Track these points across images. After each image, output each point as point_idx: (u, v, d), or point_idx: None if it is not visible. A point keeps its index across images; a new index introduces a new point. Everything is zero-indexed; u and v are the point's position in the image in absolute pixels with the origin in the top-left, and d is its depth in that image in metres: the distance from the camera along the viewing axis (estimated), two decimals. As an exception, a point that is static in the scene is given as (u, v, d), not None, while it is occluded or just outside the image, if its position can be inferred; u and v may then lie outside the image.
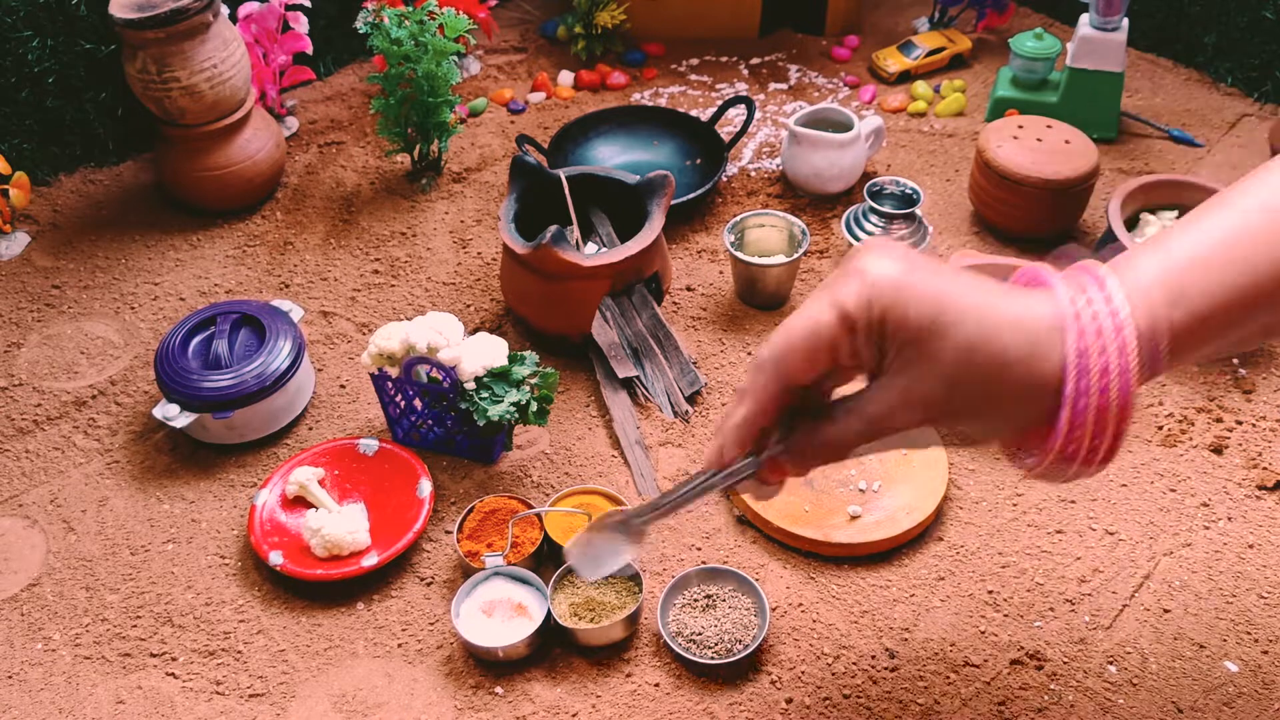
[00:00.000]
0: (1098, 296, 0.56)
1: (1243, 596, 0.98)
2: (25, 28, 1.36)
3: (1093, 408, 0.55)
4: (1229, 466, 1.09)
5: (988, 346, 0.56)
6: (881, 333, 0.57)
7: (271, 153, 1.42)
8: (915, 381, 0.57)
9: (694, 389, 1.17)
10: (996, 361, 0.56)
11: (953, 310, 0.56)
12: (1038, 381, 0.56)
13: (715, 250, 1.36)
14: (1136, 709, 0.91)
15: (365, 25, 1.36)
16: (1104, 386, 0.55)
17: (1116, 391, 0.55)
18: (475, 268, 1.35)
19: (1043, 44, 1.50)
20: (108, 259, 1.37)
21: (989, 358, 0.56)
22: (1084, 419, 0.56)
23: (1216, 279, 0.56)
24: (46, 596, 1.01)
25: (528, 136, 1.46)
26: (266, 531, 1.03)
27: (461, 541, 1.01)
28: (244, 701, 0.93)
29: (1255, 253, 0.56)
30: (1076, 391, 0.55)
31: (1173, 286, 0.56)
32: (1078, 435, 0.56)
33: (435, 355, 1.04)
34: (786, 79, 1.68)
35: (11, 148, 1.41)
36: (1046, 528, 1.04)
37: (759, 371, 0.62)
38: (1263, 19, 1.53)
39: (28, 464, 1.13)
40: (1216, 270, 0.56)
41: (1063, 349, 0.55)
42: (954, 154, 1.52)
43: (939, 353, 0.56)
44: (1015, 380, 0.56)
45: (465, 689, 0.93)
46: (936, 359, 0.56)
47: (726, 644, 0.93)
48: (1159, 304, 0.56)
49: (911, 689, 0.92)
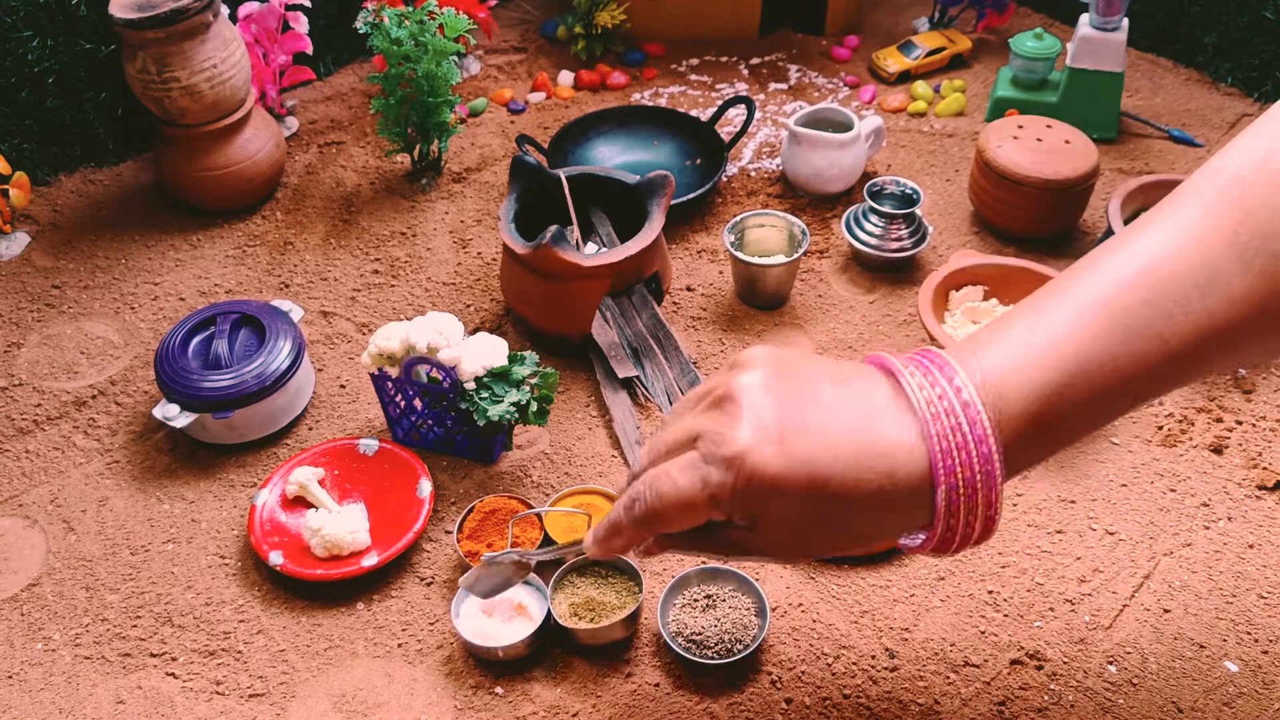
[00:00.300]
0: (949, 391, 0.57)
1: (1243, 596, 0.98)
2: (25, 28, 1.36)
3: (962, 502, 0.57)
4: (1229, 466, 1.09)
5: (859, 490, 0.57)
6: (755, 509, 0.59)
7: (271, 153, 1.42)
8: (794, 536, 0.60)
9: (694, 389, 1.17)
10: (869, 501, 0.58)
11: (821, 477, 0.57)
12: (909, 498, 0.57)
13: (715, 250, 1.36)
14: (1136, 709, 0.91)
15: (365, 25, 1.36)
16: (970, 481, 0.57)
17: (982, 483, 0.57)
18: (475, 268, 1.35)
19: (1043, 44, 1.50)
20: (108, 259, 1.37)
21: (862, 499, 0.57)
22: (957, 516, 0.58)
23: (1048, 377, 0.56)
24: (46, 596, 1.01)
25: (528, 136, 1.46)
26: (266, 531, 1.03)
27: (461, 541, 1.01)
28: (244, 701, 0.93)
29: (1081, 350, 0.56)
30: (947, 495, 0.57)
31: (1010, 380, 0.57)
32: (953, 527, 0.58)
33: (435, 355, 1.04)
34: (786, 79, 1.68)
35: (11, 148, 1.41)
36: (1046, 528, 1.04)
37: (632, 525, 0.64)
38: (1263, 19, 1.53)
39: (28, 464, 1.13)
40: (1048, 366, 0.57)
41: (927, 456, 0.57)
42: (954, 154, 1.52)
43: (814, 514, 0.58)
44: (888, 508, 0.58)
45: (465, 689, 0.93)
46: (810, 520, 0.58)
47: (726, 644, 0.93)
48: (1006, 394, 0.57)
49: (911, 689, 0.92)
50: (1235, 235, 0.55)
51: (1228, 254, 0.55)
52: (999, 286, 1.20)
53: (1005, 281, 1.20)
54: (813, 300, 1.30)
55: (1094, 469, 1.09)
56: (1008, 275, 1.20)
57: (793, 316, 1.28)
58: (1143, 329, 0.56)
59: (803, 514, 0.58)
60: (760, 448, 0.57)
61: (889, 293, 1.30)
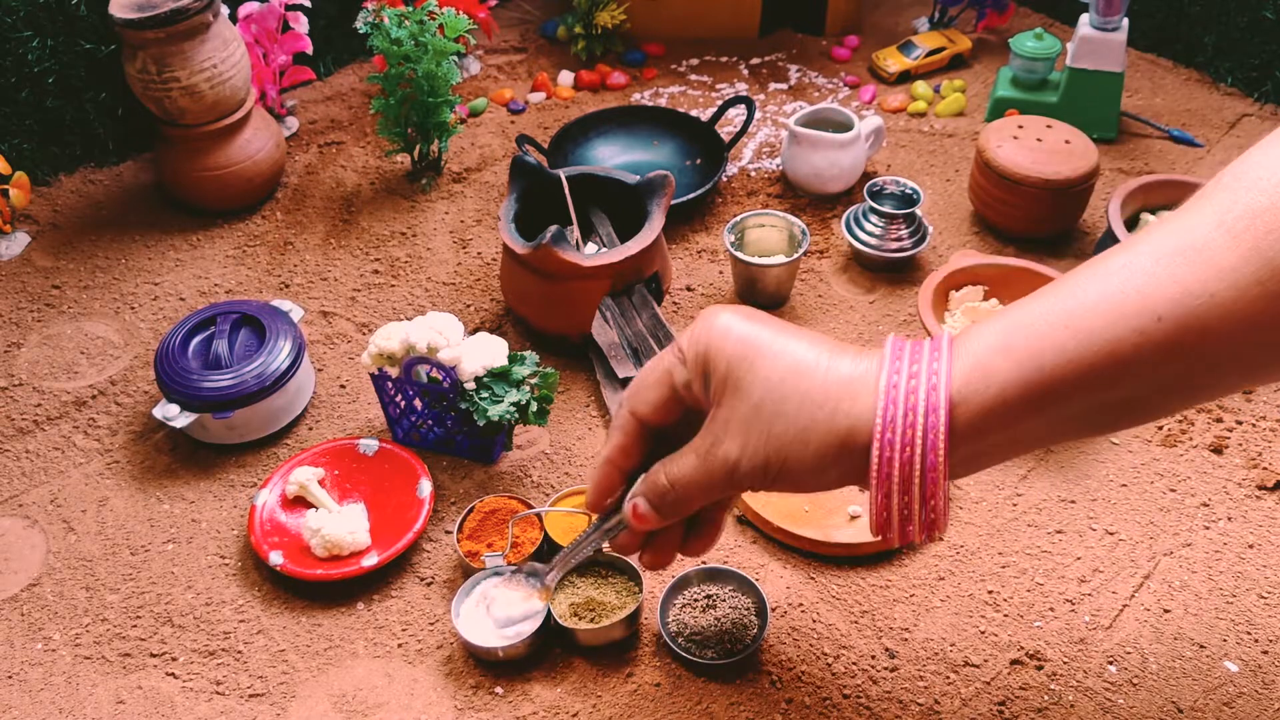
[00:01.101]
0: (923, 366, 0.58)
1: (1243, 596, 0.98)
2: (25, 28, 1.36)
3: (897, 472, 0.58)
4: (1229, 466, 1.09)
5: (795, 383, 0.60)
6: (705, 367, 0.63)
7: (271, 153, 1.42)
8: (731, 411, 0.62)
9: (694, 389, 1.17)
10: (802, 400, 0.60)
11: (766, 349, 0.61)
12: (842, 434, 0.59)
13: (715, 250, 1.36)
14: (1136, 709, 0.91)
15: (365, 25, 1.36)
16: (907, 450, 0.57)
17: (921, 457, 0.57)
18: (475, 268, 1.35)
19: (1043, 44, 1.50)
20: (108, 259, 1.37)
21: (795, 393, 0.60)
22: (888, 482, 0.59)
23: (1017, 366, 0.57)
24: (46, 596, 1.01)
25: (528, 136, 1.46)
26: (266, 531, 1.03)
27: (461, 541, 1.01)
28: (244, 701, 0.93)
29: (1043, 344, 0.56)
30: (880, 454, 0.58)
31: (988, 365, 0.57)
32: (886, 497, 0.59)
33: (435, 355, 1.04)
34: (786, 79, 1.68)
35: (11, 148, 1.41)
36: (1046, 528, 1.04)
37: (618, 411, 0.70)
38: (1263, 19, 1.53)
39: (28, 464, 1.13)
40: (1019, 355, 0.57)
41: (871, 408, 0.58)
42: (954, 154, 1.52)
43: (750, 384, 0.61)
44: (821, 427, 0.60)
45: (465, 689, 0.93)
46: (747, 389, 0.61)
47: (726, 644, 0.93)
48: (976, 380, 0.57)
49: (911, 689, 0.92)
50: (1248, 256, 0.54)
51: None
52: (999, 286, 1.20)
53: (1005, 281, 1.20)
54: (813, 300, 1.30)
55: (1094, 469, 1.09)
56: (1008, 275, 1.20)
57: (793, 316, 1.28)
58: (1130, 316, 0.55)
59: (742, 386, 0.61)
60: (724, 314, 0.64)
61: (889, 293, 1.30)
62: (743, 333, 0.63)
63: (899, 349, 0.60)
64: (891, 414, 0.57)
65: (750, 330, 0.63)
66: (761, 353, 0.61)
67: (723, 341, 0.62)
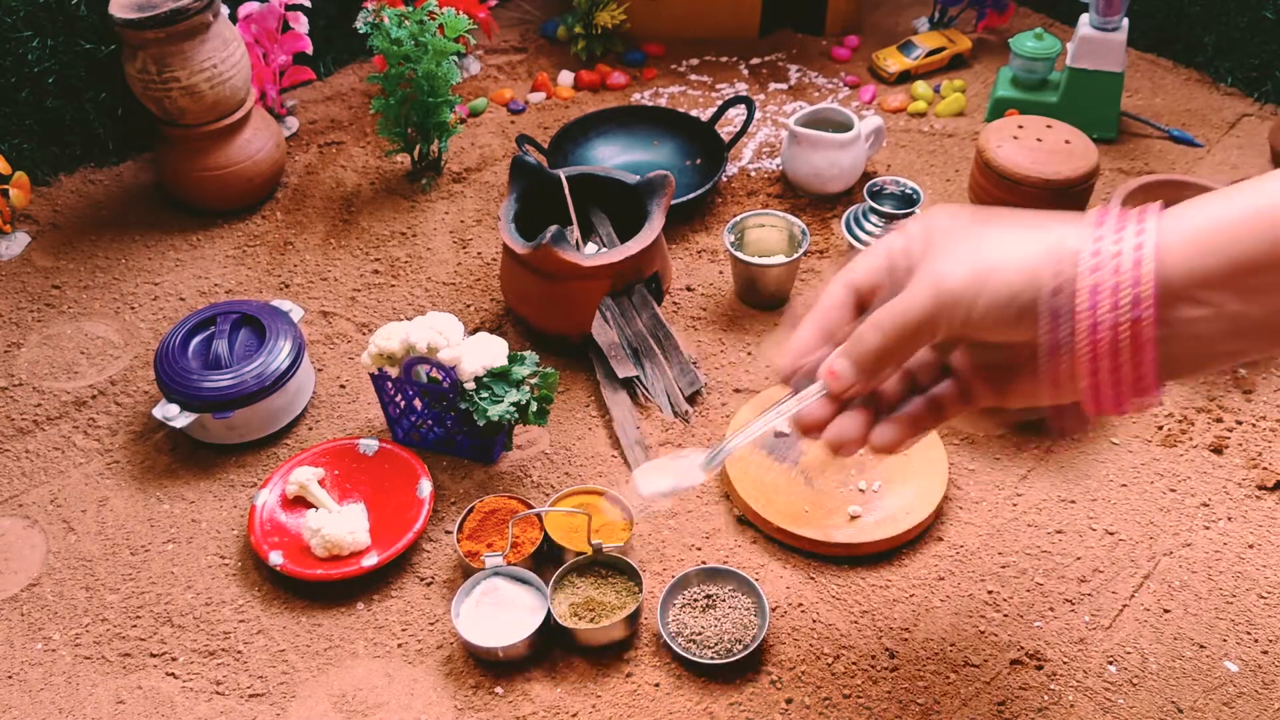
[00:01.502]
0: (1131, 231, 0.58)
1: (1243, 596, 0.98)
2: (25, 28, 1.36)
3: (1106, 326, 0.57)
4: (1229, 466, 1.09)
5: (1009, 222, 0.62)
6: (928, 233, 0.64)
7: (271, 153, 1.42)
8: (942, 250, 0.63)
9: (694, 389, 1.17)
10: (1014, 228, 0.61)
11: (984, 217, 0.63)
12: (1051, 244, 0.59)
13: (715, 250, 1.36)
14: (1136, 709, 0.91)
15: (365, 25, 1.36)
16: (1115, 309, 0.57)
17: (1128, 316, 0.56)
18: (475, 268, 1.35)
19: (1043, 44, 1.50)
20: (108, 259, 1.37)
21: (1008, 228, 0.61)
22: (1092, 314, 0.57)
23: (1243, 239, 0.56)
24: (46, 596, 1.01)
25: (528, 136, 1.46)
26: (266, 531, 1.03)
27: (461, 541, 1.01)
28: (244, 701, 0.93)
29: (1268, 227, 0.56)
30: (1089, 311, 0.57)
31: (1204, 238, 0.57)
32: (1093, 334, 0.57)
33: (435, 355, 1.04)
34: (786, 79, 1.68)
35: (11, 148, 1.41)
36: (1046, 528, 1.04)
37: (829, 285, 0.72)
38: (1263, 19, 1.53)
39: (28, 464, 1.13)
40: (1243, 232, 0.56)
41: (1074, 271, 0.57)
42: (954, 154, 1.52)
43: (964, 230, 0.63)
44: (1030, 238, 0.60)
45: (465, 689, 0.93)
46: (961, 233, 0.63)
47: (726, 644, 0.93)
48: (1188, 249, 0.56)
49: (911, 689, 0.92)
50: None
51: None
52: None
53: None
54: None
55: (1094, 469, 1.09)
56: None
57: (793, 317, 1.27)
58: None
59: (950, 251, 0.63)
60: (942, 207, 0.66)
61: (889, 293, 1.30)
62: (966, 210, 0.65)
63: (1108, 211, 0.61)
64: (1100, 247, 0.58)
65: (972, 209, 0.66)
66: (978, 217, 0.64)
67: (945, 212, 0.64)
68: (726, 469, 1.07)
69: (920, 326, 0.63)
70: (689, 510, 1.07)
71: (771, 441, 1.09)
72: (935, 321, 0.62)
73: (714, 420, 1.15)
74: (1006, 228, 0.62)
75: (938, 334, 0.62)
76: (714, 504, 1.07)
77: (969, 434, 1.13)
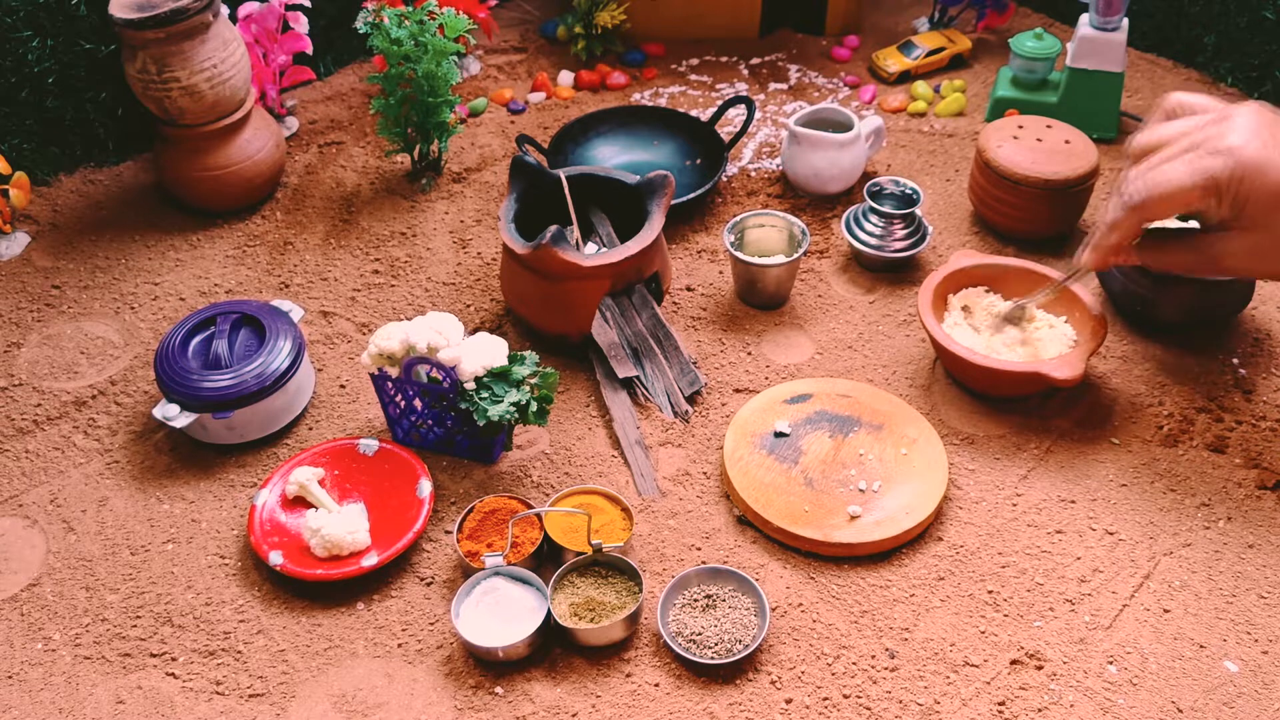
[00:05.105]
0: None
1: (1243, 596, 0.98)
2: (25, 28, 1.36)
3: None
4: (1229, 466, 1.09)
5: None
6: (1242, 198, 0.79)
7: (271, 153, 1.42)
8: (1263, 238, 0.80)
9: (694, 389, 1.17)
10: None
11: None
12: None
13: (715, 250, 1.36)
14: (1136, 709, 0.91)
15: (365, 25, 1.36)
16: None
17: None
18: (475, 268, 1.35)
19: (1043, 44, 1.50)
20: (108, 259, 1.37)
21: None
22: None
23: None
24: (46, 596, 1.01)
25: (528, 136, 1.46)
26: (266, 531, 1.03)
27: (461, 541, 1.01)
28: (244, 701, 0.93)
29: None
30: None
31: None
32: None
33: (435, 355, 1.04)
34: (786, 79, 1.68)
35: (11, 148, 1.41)
36: (1046, 528, 1.04)
37: (1128, 212, 0.87)
38: (1263, 19, 1.53)
39: (28, 464, 1.13)
40: None
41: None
42: (954, 154, 1.52)
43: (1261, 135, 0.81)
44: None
45: (465, 689, 0.93)
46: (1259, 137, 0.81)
47: (726, 644, 0.93)
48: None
49: (911, 689, 0.92)
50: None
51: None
52: (999, 286, 1.20)
53: (1005, 281, 1.20)
54: (813, 300, 1.30)
55: (1094, 469, 1.09)
56: (1007, 275, 1.20)
57: (793, 316, 1.28)
58: None
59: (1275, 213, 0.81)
60: (1250, 143, 0.80)
61: (889, 293, 1.30)
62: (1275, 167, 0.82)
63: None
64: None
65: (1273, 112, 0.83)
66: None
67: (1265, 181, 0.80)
68: (726, 469, 1.07)
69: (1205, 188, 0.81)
70: (689, 510, 1.07)
71: (772, 441, 1.09)
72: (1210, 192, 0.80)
73: (714, 420, 1.15)
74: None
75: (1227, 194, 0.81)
76: (714, 504, 1.07)
77: (969, 434, 1.13)
